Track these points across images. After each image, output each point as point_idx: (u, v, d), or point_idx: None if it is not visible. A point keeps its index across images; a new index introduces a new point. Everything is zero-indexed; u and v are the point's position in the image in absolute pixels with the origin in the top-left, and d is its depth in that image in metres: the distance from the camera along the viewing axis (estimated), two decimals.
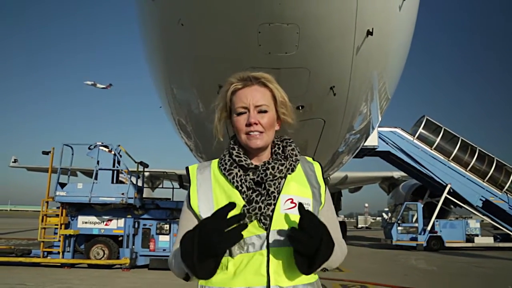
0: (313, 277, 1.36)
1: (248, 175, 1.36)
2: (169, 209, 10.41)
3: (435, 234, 17.59)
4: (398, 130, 18.42)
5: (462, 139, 18.67)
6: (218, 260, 1.20)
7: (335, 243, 1.27)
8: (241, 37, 3.97)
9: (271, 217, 1.31)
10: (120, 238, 10.26)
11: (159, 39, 4.96)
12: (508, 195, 18.17)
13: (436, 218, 18.12)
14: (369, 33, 4.06)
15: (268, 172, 1.35)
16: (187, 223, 1.36)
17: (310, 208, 1.36)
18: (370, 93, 5.88)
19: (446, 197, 18.03)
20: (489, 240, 18.15)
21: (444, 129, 18.79)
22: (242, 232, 1.19)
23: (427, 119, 18.90)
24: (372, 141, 17.04)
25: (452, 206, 20.18)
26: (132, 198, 9.58)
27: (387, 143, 18.05)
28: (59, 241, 9.82)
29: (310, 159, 1.53)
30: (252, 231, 1.29)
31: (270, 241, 1.29)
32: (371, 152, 17.89)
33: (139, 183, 10.63)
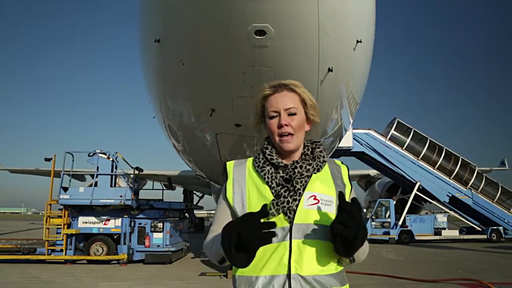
0: (334, 269, 1.44)
1: (278, 172, 1.49)
2: (162, 209, 11.48)
3: (406, 228, 18.88)
4: (372, 132, 19.67)
5: (430, 140, 20.01)
6: (252, 254, 1.31)
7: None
8: (230, 76, 5.12)
9: (295, 211, 1.43)
10: (116, 236, 11.24)
11: (161, 73, 6.08)
12: (472, 191, 19.66)
13: (408, 213, 19.39)
14: (330, 70, 5.27)
15: (296, 170, 1.48)
16: (223, 213, 1.53)
17: (333, 206, 1.46)
18: (337, 109, 7.09)
19: (416, 193, 19.48)
20: (455, 233, 19.57)
21: (414, 130, 20.14)
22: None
23: (398, 121, 20.23)
24: (347, 142, 18.33)
25: (423, 202, 21.63)
26: (129, 199, 10.61)
27: (361, 144, 19.29)
28: (62, 239, 10.77)
29: (338, 162, 1.65)
30: (278, 222, 1.39)
31: (293, 233, 1.41)
32: (347, 152, 19.20)
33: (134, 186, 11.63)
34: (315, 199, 1.45)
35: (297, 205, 1.43)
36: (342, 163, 1.64)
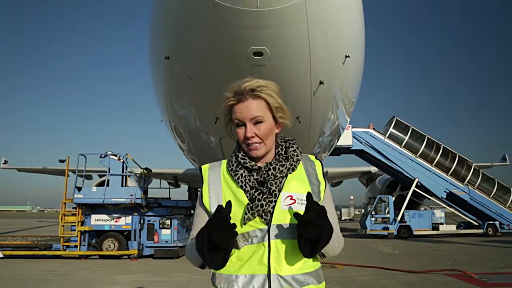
0: (311, 267, 1.49)
1: (252, 175, 1.48)
2: (170, 207, 12.20)
3: (404, 224, 19.53)
4: (371, 130, 20.20)
5: (428, 137, 20.52)
6: (227, 253, 1.38)
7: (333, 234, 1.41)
8: None
9: (271, 213, 1.43)
10: (126, 233, 11.93)
11: (170, 85, 6.76)
12: (469, 187, 20.21)
13: (408, 209, 20.03)
14: (321, 82, 5.90)
15: (270, 172, 1.47)
16: (200, 218, 1.53)
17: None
18: (332, 112, 7.72)
19: (415, 190, 20.04)
20: (452, 228, 20.16)
21: (412, 128, 20.67)
22: (247, 226, 1.43)
23: (396, 119, 20.76)
24: (346, 141, 18.95)
25: (422, 198, 22.16)
26: (139, 198, 11.34)
27: (360, 142, 19.86)
28: (76, 236, 11.49)
29: (312, 157, 1.62)
30: (255, 225, 1.44)
31: (271, 234, 1.43)
32: (347, 150, 19.83)
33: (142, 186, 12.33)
34: (291, 199, 1.47)
35: (273, 207, 1.45)
36: (316, 158, 1.63)
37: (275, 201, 1.45)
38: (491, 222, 19.83)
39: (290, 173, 1.51)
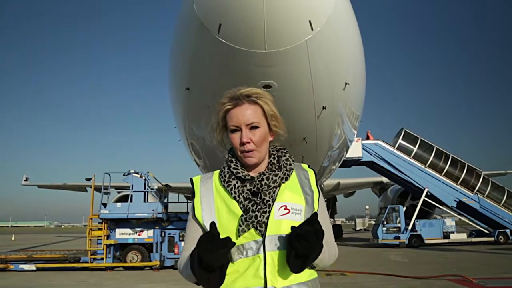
0: (306, 277, 1.46)
1: (245, 186, 1.47)
2: None
3: (415, 233, 19.92)
4: (380, 142, 20.76)
5: (437, 148, 21.04)
6: (223, 272, 1.36)
7: (325, 245, 1.38)
8: None
9: (266, 224, 1.41)
10: (148, 245, 12.72)
11: (189, 112, 7.58)
12: (479, 195, 20.59)
13: (420, 218, 20.51)
14: (324, 108, 6.64)
15: (263, 182, 1.46)
16: (193, 232, 1.50)
17: (302, 214, 1.45)
18: (338, 128, 8.43)
19: (425, 199, 20.49)
20: (463, 236, 20.48)
21: (421, 139, 21.19)
22: (241, 238, 1.41)
23: (405, 131, 21.29)
24: (356, 153, 19.53)
25: (434, 208, 22.55)
26: (160, 213, 12.17)
27: (370, 154, 20.39)
28: (102, 249, 12.33)
29: (305, 166, 1.61)
30: (250, 237, 1.41)
31: (266, 246, 1.41)
32: (357, 162, 20.40)
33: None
34: (285, 209, 1.45)
35: (267, 218, 1.43)
36: (309, 167, 1.62)
37: (269, 212, 1.44)
38: (502, 230, 20.12)
39: (283, 182, 1.51)
